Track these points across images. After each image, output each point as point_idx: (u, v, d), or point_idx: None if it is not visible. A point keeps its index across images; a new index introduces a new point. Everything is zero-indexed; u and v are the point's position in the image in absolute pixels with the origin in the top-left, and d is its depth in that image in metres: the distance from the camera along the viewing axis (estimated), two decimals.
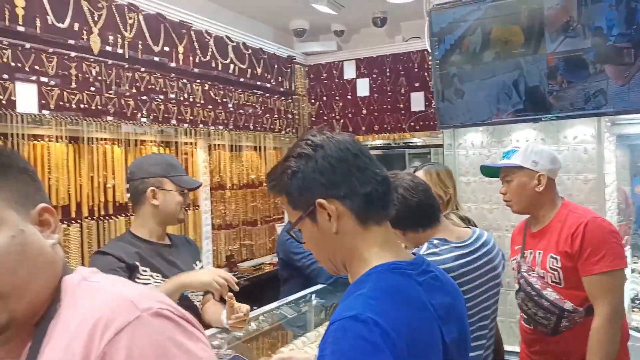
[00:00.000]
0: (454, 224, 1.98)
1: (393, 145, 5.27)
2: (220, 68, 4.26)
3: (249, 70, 4.61)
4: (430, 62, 3.89)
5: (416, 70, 4.97)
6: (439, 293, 1.06)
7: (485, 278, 1.69)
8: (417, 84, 4.97)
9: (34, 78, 2.90)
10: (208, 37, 4.16)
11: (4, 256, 0.74)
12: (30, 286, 0.77)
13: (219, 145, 4.48)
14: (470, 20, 3.51)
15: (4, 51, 2.76)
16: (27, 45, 2.87)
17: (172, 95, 3.81)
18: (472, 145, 3.76)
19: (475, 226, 2.06)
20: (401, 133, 5.07)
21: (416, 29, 5.00)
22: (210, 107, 4.18)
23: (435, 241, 1.67)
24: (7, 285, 0.74)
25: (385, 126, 5.13)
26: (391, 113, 5.09)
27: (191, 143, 4.20)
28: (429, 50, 3.78)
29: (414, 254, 1.14)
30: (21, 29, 2.83)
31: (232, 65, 4.40)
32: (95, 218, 3.35)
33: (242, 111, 4.55)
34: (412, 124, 5.00)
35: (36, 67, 2.91)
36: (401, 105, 5.05)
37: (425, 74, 4.85)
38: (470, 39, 3.52)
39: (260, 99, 4.80)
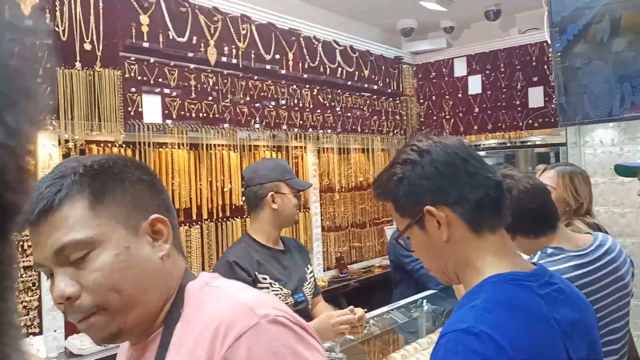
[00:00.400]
0: (576, 231, 1.81)
1: (509, 144, 4.99)
2: (328, 73, 4.31)
3: (356, 73, 4.62)
4: (550, 55, 3.63)
5: (534, 64, 4.65)
6: (563, 307, 0.98)
7: (611, 289, 1.56)
8: (535, 79, 4.65)
9: (158, 90, 3.14)
10: (316, 42, 4.23)
11: (108, 274, 0.77)
12: (137, 299, 0.80)
13: (327, 148, 4.54)
14: (597, 7, 3.22)
15: (132, 66, 3.01)
16: (152, 60, 3.11)
17: (283, 102, 3.92)
18: (601, 143, 3.44)
19: (607, 233, 1.87)
20: (517, 131, 4.78)
21: (533, 20, 4.69)
22: (319, 111, 4.25)
23: (549, 250, 1.55)
24: (113, 301, 0.78)
25: (499, 125, 4.86)
26: (506, 111, 4.82)
27: (301, 147, 4.31)
28: (549, 42, 3.53)
29: (534, 264, 1.05)
30: (146, 44, 3.07)
31: (339, 69, 4.44)
32: (213, 220, 3.55)
33: (349, 114, 4.57)
34: (530, 121, 4.69)
35: (160, 79, 3.15)
36: (517, 102, 4.76)
37: (545, 67, 4.53)
38: (597, 27, 3.22)
39: (368, 101, 4.79)
